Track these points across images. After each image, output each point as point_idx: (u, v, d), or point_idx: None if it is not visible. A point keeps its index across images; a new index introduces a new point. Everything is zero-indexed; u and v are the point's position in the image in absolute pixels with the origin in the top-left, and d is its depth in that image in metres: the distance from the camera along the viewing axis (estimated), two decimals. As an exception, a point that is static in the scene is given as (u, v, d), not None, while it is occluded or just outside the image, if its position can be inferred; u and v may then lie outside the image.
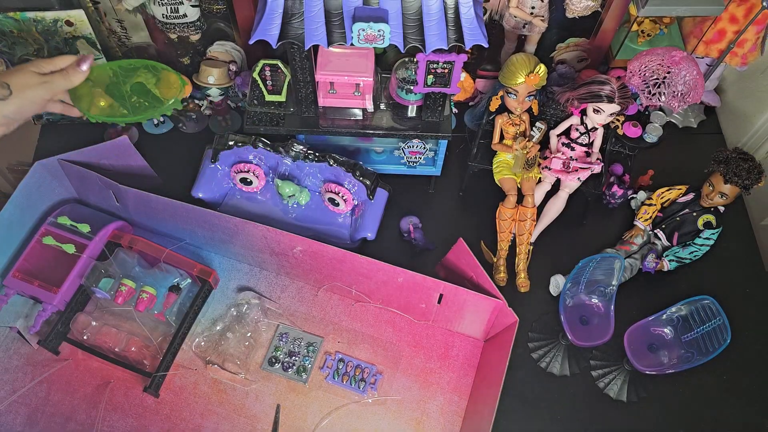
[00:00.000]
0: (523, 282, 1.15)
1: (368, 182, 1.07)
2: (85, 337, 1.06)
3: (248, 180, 1.12)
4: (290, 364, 1.07)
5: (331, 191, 1.10)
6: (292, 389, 1.06)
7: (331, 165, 1.07)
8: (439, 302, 1.04)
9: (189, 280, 1.11)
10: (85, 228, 1.11)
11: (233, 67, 1.22)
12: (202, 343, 1.09)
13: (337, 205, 1.12)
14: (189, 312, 1.09)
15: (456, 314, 1.06)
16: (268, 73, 1.06)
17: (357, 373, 1.07)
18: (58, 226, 1.11)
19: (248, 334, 1.09)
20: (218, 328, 1.10)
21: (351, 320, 1.12)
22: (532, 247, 1.18)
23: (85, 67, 0.93)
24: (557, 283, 1.16)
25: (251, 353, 1.08)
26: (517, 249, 1.17)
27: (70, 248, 1.09)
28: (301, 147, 1.08)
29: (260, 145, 1.08)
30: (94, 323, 1.07)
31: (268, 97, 1.09)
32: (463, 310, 1.05)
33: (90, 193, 1.16)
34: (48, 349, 1.06)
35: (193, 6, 1.17)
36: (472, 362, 1.09)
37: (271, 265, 1.14)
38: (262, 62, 1.05)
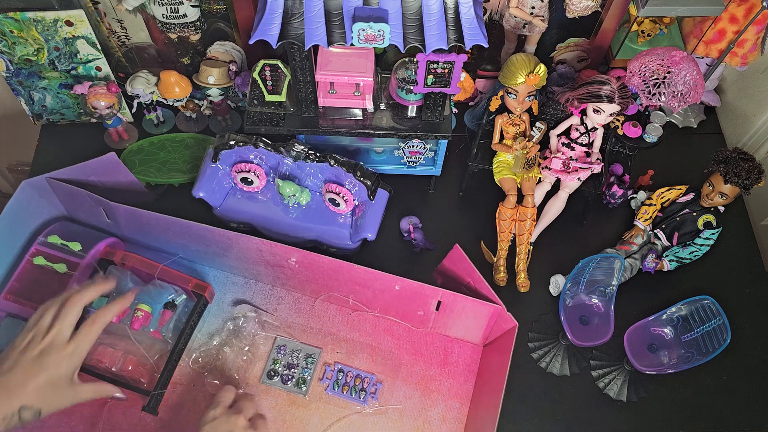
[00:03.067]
0: (523, 282, 1.15)
1: (369, 183, 1.07)
2: (80, 357, 1.05)
3: (249, 180, 1.12)
4: (289, 377, 1.06)
5: (332, 191, 1.10)
6: (292, 402, 1.05)
7: (332, 165, 1.07)
8: (437, 309, 1.04)
9: (184, 296, 1.09)
10: (76, 246, 1.08)
11: (233, 67, 1.22)
12: (200, 359, 1.07)
13: (338, 205, 1.12)
14: (185, 328, 1.06)
15: (454, 320, 1.06)
16: (268, 73, 1.06)
17: (357, 383, 1.06)
18: (49, 246, 1.08)
19: (246, 348, 1.08)
20: (215, 342, 1.08)
21: (349, 330, 1.11)
22: (532, 247, 1.18)
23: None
24: (557, 283, 1.16)
25: (249, 367, 1.07)
26: (517, 249, 1.17)
27: (61, 267, 1.07)
28: (302, 147, 1.08)
29: (261, 144, 1.07)
30: (89, 343, 1.05)
31: (268, 97, 1.09)
32: (462, 316, 1.04)
33: (80, 210, 1.14)
34: (43, 371, 1.04)
35: (193, 6, 1.17)
36: (472, 368, 1.09)
37: (266, 277, 1.13)
38: (262, 62, 1.05)
